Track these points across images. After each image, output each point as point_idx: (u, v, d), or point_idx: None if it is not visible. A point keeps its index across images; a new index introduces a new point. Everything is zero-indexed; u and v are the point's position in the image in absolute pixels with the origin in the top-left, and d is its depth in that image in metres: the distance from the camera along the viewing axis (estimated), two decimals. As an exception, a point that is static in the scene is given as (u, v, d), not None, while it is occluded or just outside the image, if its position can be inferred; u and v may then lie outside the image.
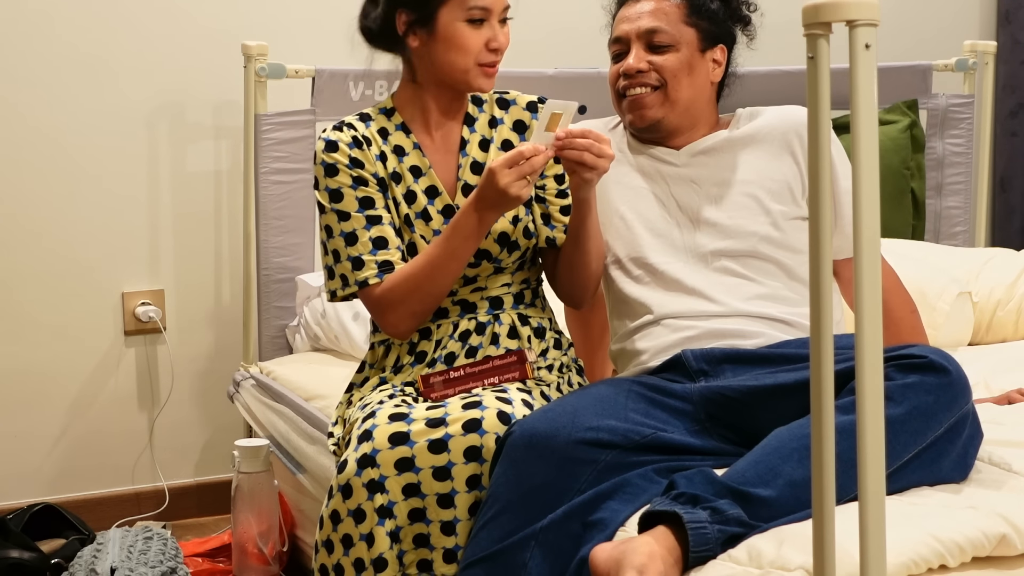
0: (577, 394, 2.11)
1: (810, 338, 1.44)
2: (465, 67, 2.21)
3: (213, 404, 3.50)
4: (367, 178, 2.23)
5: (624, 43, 2.38)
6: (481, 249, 2.23)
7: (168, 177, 3.43)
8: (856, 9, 1.37)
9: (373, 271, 2.20)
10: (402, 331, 2.24)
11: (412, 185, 2.26)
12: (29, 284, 3.33)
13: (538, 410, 2.02)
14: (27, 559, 2.86)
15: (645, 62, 2.35)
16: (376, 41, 2.29)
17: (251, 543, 2.87)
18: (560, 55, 3.56)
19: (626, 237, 2.35)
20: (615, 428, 1.96)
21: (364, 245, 2.21)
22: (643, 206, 2.35)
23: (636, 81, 2.35)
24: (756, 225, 2.29)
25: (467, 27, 2.19)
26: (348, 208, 2.22)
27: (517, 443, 1.93)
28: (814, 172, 1.42)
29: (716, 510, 1.74)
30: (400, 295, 2.19)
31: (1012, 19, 4.20)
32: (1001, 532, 1.70)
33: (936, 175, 3.84)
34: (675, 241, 2.32)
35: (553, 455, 1.91)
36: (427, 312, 2.23)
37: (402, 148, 2.28)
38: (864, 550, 1.42)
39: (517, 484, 1.91)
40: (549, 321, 2.36)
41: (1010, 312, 3.13)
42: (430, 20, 2.19)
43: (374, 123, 2.29)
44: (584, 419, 1.96)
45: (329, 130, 2.27)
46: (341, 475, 2.02)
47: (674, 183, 2.36)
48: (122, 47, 3.35)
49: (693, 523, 1.72)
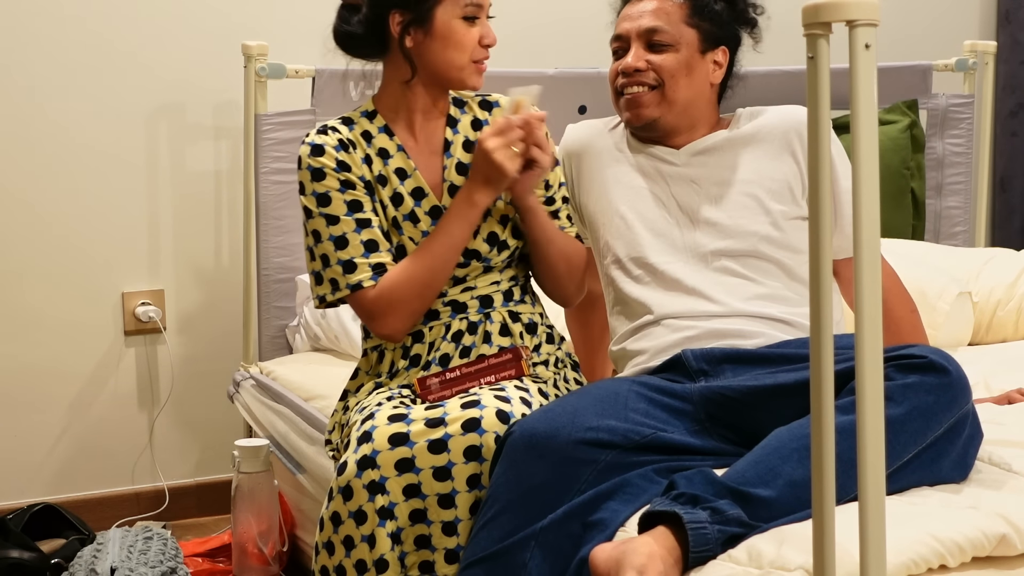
0: (577, 394, 2.11)
1: (810, 338, 1.44)
2: (461, 64, 2.22)
3: (213, 404, 3.50)
4: (354, 181, 2.23)
5: (624, 41, 2.39)
6: (470, 249, 2.24)
7: (168, 177, 3.43)
8: (856, 9, 1.37)
9: (367, 274, 2.20)
10: (400, 332, 2.23)
11: (398, 187, 2.26)
12: (29, 284, 3.34)
13: (538, 410, 2.02)
14: (27, 559, 2.86)
15: (643, 61, 2.35)
16: (358, 45, 2.28)
17: (251, 543, 2.87)
18: (560, 55, 3.56)
19: (626, 237, 2.35)
20: (615, 428, 1.96)
21: (355, 248, 2.20)
22: (643, 206, 2.36)
23: (634, 80, 2.35)
24: (756, 225, 2.29)
25: (463, 24, 2.21)
26: (337, 211, 2.21)
27: (517, 443, 1.93)
28: (814, 172, 1.42)
29: (716, 510, 1.74)
30: (402, 295, 2.19)
31: (1012, 19, 4.20)
32: (1001, 532, 1.70)
33: (936, 175, 3.84)
34: (675, 241, 2.32)
35: (553, 455, 1.91)
36: (424, 310, 2.23)
37: (386, 151, 2.28)
38: (864, 550, 1.42)
39: (517, 484, 1.91)
40: (540, 316, 2.36)
41: (1010, 312, 3.13)
42: (427, 19, 2.20)
43: (357, 126, 2.29)
44: (584, 419, 1.96)
45: (313, 134, 2.27)
46: (341, 477, 2.02)
47: (674, 183, 2.36)
48: (122, 47, 3.35)
49: (693, 523, 1.72)
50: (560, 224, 2.35)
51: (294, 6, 3.49)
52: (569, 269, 2.34)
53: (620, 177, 2.38)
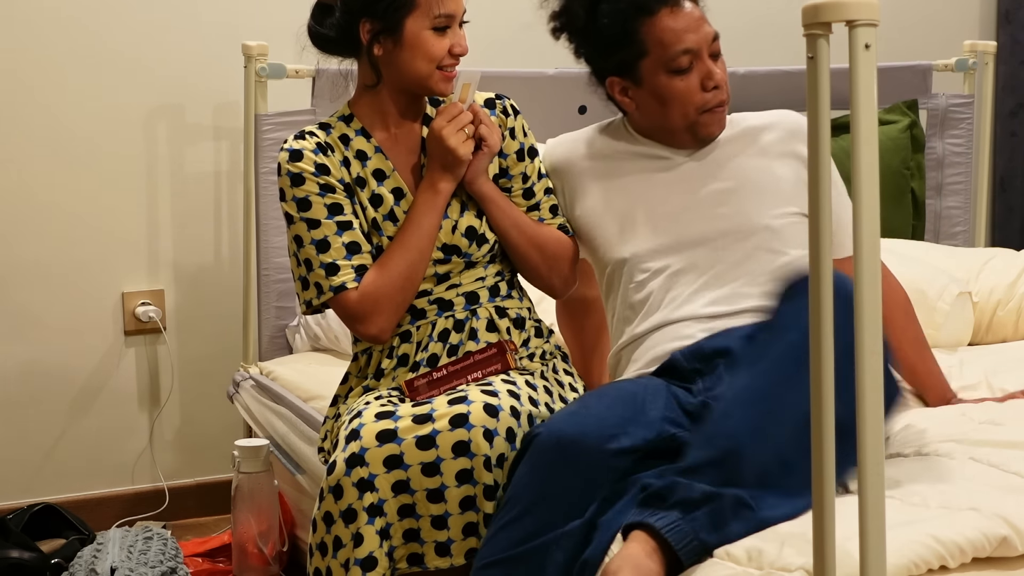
0: (596, 396, 2.11)
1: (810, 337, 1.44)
2: (428, 73, 2.24)
3: (213, 404, 3.50)
4: (334, 184, 2.24)
5: (694, 54, 2.28)
6: (450, 244, 2.25)
7: (168, 177, 3.43)
8: (856, 9, 1.37)
9: (350, 275, 2.21)
10: (385, 331, 2.24)
11: (377, 188, 2.27)
12: (29, 284, 3.33)
13: (563, 412, 2.03)
14: (27, 559, 2.86)
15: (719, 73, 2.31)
16: (330, 47, 2.32)
17: (251, 543, 2.87)
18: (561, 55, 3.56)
19: (626, 238, 2.34)
20: (639, 434, 1.96)
21: (338, 251, 2.21)
22: (642, 208, 2.34)
23: (721, 93, 2.31)
24: (756, 227, 2.29)
25: (432, 34, 2.22)
26: (318, 215, 2.22)
27: (544, 446, 1.93)
28: (814, 172, 1.42)
29: (684, 502, 1.76)
30: (384, 291, 2.20)
31: (1012, 19, 4.20)
32: (1001, 534, 1.70)
33: (936, 175, 3.83)
34: (674, 243, 2.31)
35: (579, 462, 1.91)
36: (407, 305, 2.25)
37: (364, 152, 2.29)
38: (864, 551, 1.42)
39: (541, 487, 1.91)
40: (528, 311, 2.37)
41: (1010, 312, 3.13)
42: (397, 29, 2.21)
43: (334, 130, 2.31)
44: (611, 426, 1.96)
45: (291, 140, 2.28)
46: (331, 476, 2.02)
47: (674, 183, 2.35)
48: (122, 47, 3.35)
49: (666, 527, 1.74)
50: (540, 215, 2.36)
51: (294, 6, 3.47)
52: (544, 258, 2.34)
53: (614, 185, 2.37)
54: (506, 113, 2.36)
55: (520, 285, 2.40)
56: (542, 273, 2.35)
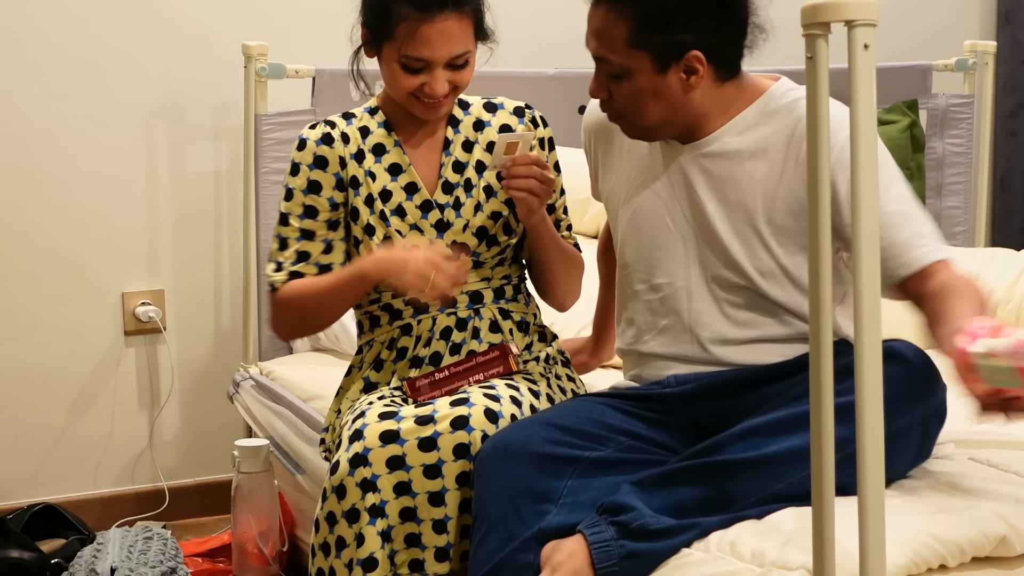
0: (547, 409, 2.13)
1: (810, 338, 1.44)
2: (403, 99, 2.25)
3: (213, 404, 3.50)
4: (321, 183, 2.27)
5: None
6: (459, 242, 2.26)
7: (168, 177, 3.43)
8: (855, 9, 1.37)
9: (284, 277, 2.27)
10: (284, 336, 2.49)
11: (388, 184, 2.28)
12: (29, 284, 3.33)
13: (507, 426, 2.01)
14: (27, 559, 2.86)
15: (605, 90, 2.08)
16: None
17: (251, 543, 2.87)
18: (560, 55, 3.56)
19: (631, 246, 2.22)
20: (591, 431, 1.98)
21: (289, 254, 2.28)
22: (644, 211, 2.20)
23: (605, 107, 2.11)
24: (754, 260, 2.09)
25: (399, 69, 2.20)
26: (292, 211, 2.28)
27: (490, 456, 1.94)
28: (813, 172, 1.42)
29: (623, 525, 1.81)
30: (293, 308, 2.27)
31: (1012, 19, 4.20)
32: (1001, 533, 1.70)
33: (936, 175, 3.84)
34: (675, 259, 2.16)
35: (531, 457, 1.93)
36: (306, 333, 2.43)
37: (382, 146, 2.30)
38: (864, 550, 1.42)
39: (501, 494, 1.91)
40: (533, 316, 2.37)
41: (1010, 312, 3.13)
42: (379, 47, 2.23)
43: (356, 121, 2.32)
44: (557, 422, 1.99)
45: (306, 128, 2.33)
46: (334, 476, 2.02)
47: (676, 183, 2.19)
48: (122, 47, 3.35)
49: (597, 543, 1.81)
50: (560, 233, 2.36)
51: (294, 6, 3.49)
52: (567, 277, 2.36)
53: (633, 174, 2.21)
54: (535, 124, 2.36)
55: (527, 292, 2.40)
56: (562, 289, 2.37)
